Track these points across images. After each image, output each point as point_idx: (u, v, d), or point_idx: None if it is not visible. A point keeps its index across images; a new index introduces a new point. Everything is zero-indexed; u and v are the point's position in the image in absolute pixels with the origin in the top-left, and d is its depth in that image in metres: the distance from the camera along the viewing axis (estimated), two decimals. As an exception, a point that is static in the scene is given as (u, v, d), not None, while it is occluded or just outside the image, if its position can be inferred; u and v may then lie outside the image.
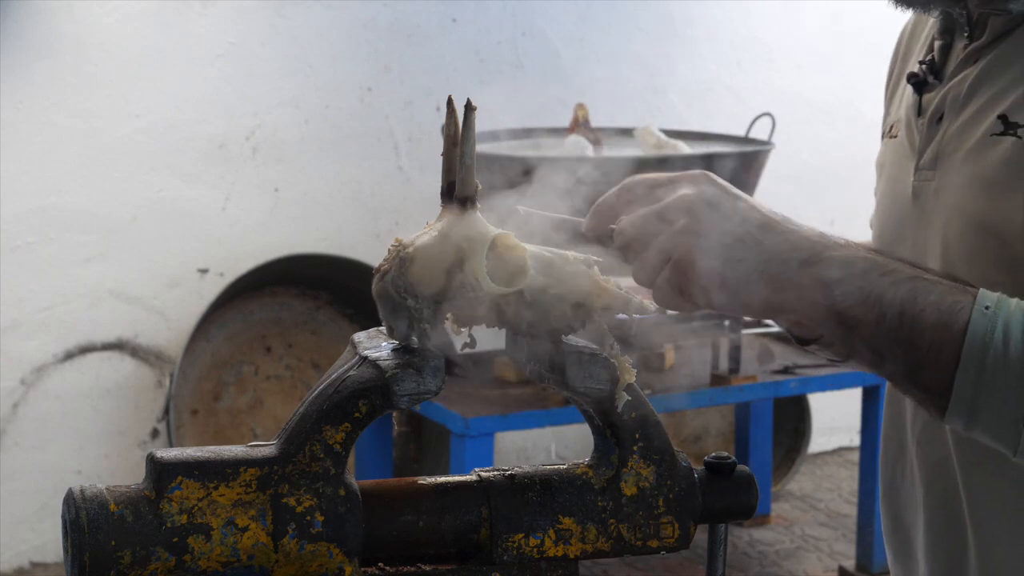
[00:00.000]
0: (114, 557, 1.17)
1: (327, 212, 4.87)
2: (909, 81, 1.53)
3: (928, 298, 1.25)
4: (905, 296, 1.25)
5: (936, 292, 1.26)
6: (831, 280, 1.26)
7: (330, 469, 1.21)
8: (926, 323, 1.25)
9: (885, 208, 1.58)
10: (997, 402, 1.23)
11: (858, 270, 1.26)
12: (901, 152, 1.54)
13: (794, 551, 4.82)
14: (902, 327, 1.25)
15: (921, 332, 1.25)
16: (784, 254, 1.26)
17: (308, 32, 4.78)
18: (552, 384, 1.29)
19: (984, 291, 1.26)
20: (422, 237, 1.27)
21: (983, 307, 1.24)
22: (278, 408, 4.82)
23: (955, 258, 1.41)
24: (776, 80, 5.50)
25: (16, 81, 4.39)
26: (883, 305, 1.25)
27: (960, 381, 1.24)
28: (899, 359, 1.27)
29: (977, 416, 1.24)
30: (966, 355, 1.23)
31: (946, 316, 1.24)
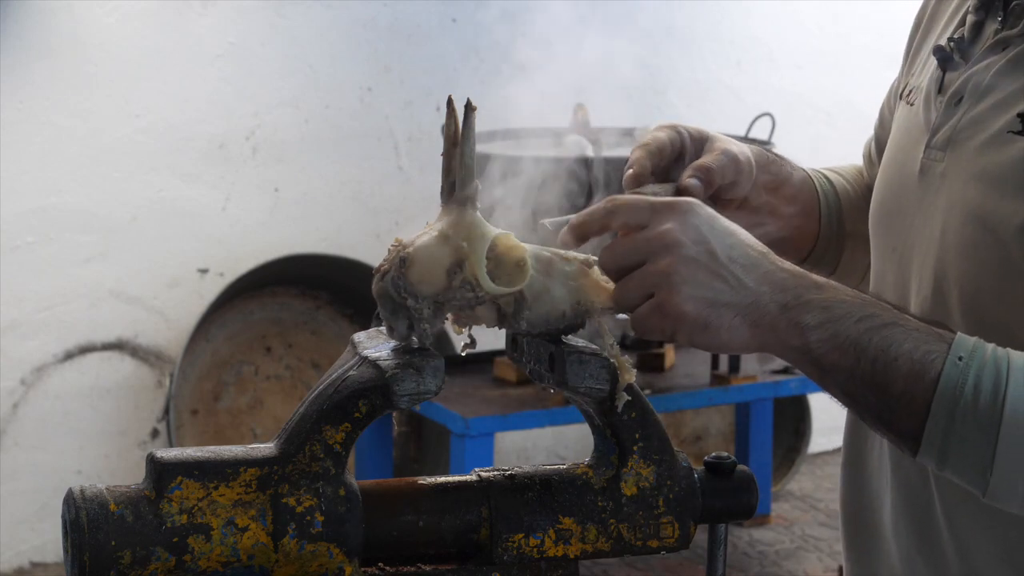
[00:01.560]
0: (114, 557, 1.17)
1: (327, 212, 4.87)
2: (935, 54, 1.52)
3: (902, 347, 1.26)
4: (879, 344, 1.26)
5: (911, 340, 1.27)
6: (808, 325, 1.27)
7: (330, 469, 1.21)
8: (899, 372, 1.26)
9: (889, 175, 1.57)
10: (966, 450, 1.25)
11: (835, 315, 1.27)
12: (915, 123, 1.53)
13: (794, 551, 4.82)
14: (875, 374, 1.26)
15: (893, 380, 1.26)
16: (765, 297, 1.27)
17: (308, 32, 4.78)
18: (552, 384, 1.29)
19: (961, 338, 1.27)
20: (422, 237, 1.27)
21: (956, 357, 1.26)
22: (278, 408, 4.82)
23: (950, 246, 1.42)
24: (776, 80, 5.50)
25: (16, 81, 4.39)
26: (857, 352, 1.26)
27: (930, 429, 1.25)
28: (871, 404, 1.28)
29: (947, 461, 1.26)
30: (936, 405, 1.25)
31: (919, 366, 1.26)
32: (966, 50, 1.49)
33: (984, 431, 1.24)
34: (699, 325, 1.26)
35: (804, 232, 1.75)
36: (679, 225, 1.26)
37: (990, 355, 1.26)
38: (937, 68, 1.52)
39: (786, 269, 1.29)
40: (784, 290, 1.27)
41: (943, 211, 1.44)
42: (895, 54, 6.08)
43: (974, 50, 1.48)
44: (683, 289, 1.25)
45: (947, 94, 1.48)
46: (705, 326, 1.26)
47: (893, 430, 1.29)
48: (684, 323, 1.26)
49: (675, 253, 1.25)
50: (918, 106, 1.54)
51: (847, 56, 5.60)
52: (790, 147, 5.14)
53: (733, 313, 1.26)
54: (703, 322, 1.26)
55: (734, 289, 1.26)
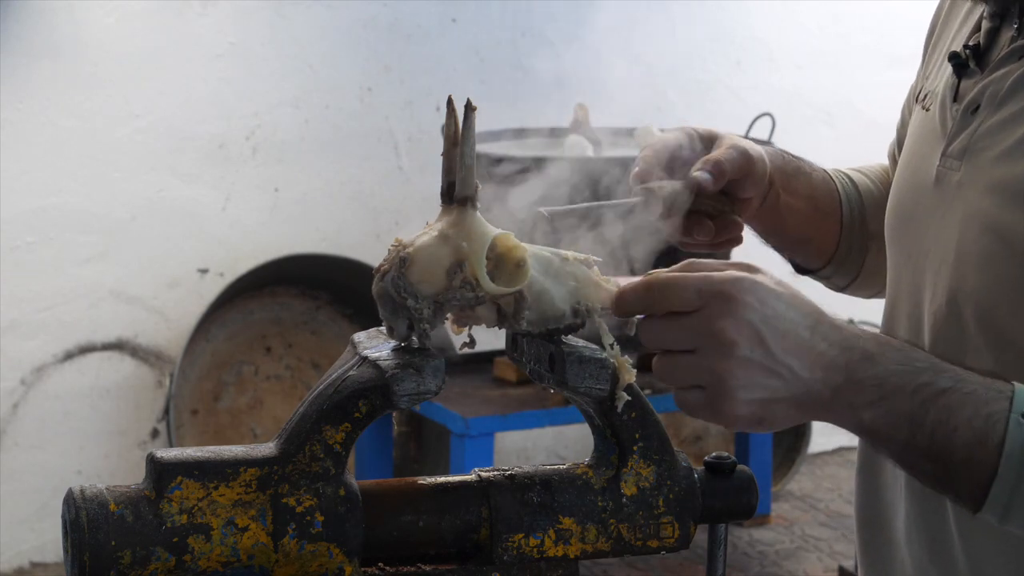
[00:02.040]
0: (114, 557, 1.17)
1: (327, 212, 4.87)
2: (950, 61, 1.50)
3: (962, 415, 1.22)
4: (936, 416, 1.22)
5: (970, 406, 1.22)
6: (861, 404, 1.23)
7: (330, 469, 1.21)
8: (959, 442, 1.22)
9: (904, 181, 1.55)
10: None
11: (888, 391, 1.22)
12: (930, 129, 1.51)
13: (794, 551, 4.82)
14: (933, 446, 1.23)
15: (953, 451, 1.22)
16: (817, 384, 1.22)
17: (308, 32, 4.78)
18: (552, 384, 1.29)
19: (1021, 391, 1.23)
20: (422, 237, 1.27)
21: (1020, 415, 1.22)
22: (278, 408, 4.82)
23: (966, 258, 1.40)
24: (776, 80, 5.50)
25: (16, 81, 4.39)
26: (912, 426, 1.23)
27: (996, 491, 1.22)
28: (929, 472, 1.25)
29: (1010, 518, 1.24)
30: (1004, 468, 1.22)
31: (980, 434, 1.22)
32: (981, 57, 1.47)
33: None
34: (754, 421, 1.23)
35: (825, 233, 1.72)
36: (733, 322, 1.20)
37: None
38: (952, 75, 1.50)
39: (836, 343, 1.23)
40: (835, 371, 1.22)
41: (959, 222, 1.41)
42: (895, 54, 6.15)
43: (990, 58, 1.46)
44: (739, 394, 1.21)
45: (963, 102, 1.46)
46: (759, 421, 1.23)
47: (953, 493, 1.26)
48: (738, 423, 1.23)
49: (731, 356, 1.20)
50: (933, 112, 1.52)
51: (847, 56, 5.60)
52: (790, 147, 5.14)
53: (787, 405, 1.22)
54: (758, 418, 1.23)
55: (788, 383, 1.21)
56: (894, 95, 6.44)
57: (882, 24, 5.61)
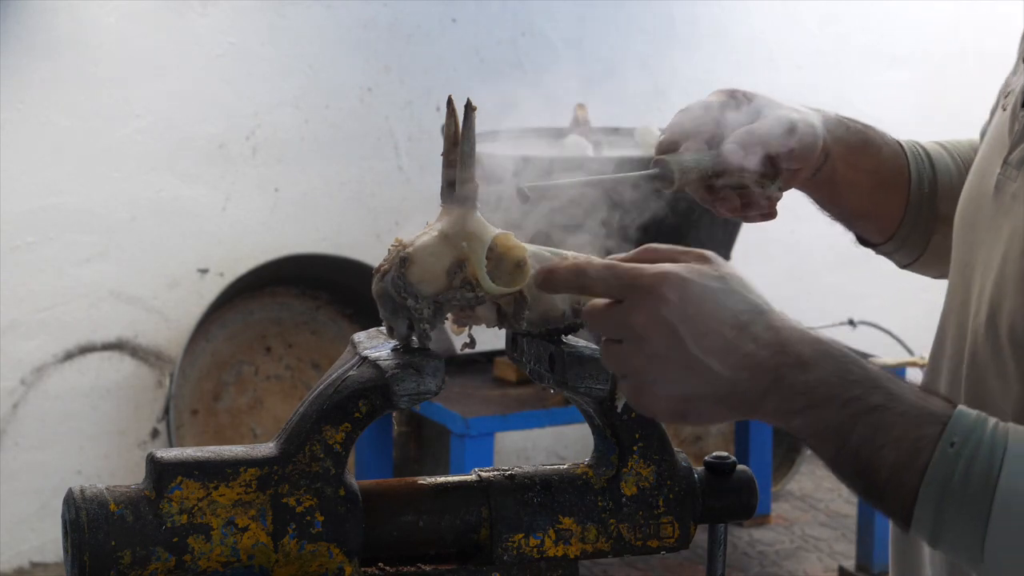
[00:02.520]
0: (114, 557, 1.17)
1: (327, 212, 4.87)
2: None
3: (890, 434, 1.18)
4: (863, 432, 1.17)
5: (899, 427, 1.18)
6: (788, 411, 1.19)
7: (330, 469, 1.21)
8: (885, 461, 1.18)
9: (970, 185, 1.47)
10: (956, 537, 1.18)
11: (816, 400, 1.18)
12: (1000, 132, 1.44)
13: (794, 551, 4.82)
14: (859, 462, 1.19)
15: (878, 469, 1.18)
16: (743, 384, 1.18)
17: (308, 32, 4.77)
18: (552, 384, 1.29)
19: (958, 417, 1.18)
20: (422, 237, 1.27)
21: (948, 443, 1.17)
22: (278, 408, 4.82)
23: (1008, 277, 1.33)
24: (776, 80, 5.50)
25: (16, 81, 4.39)
26: (839, 440, 1.18)
27: (919, 516, 1.18)
28: (858, 487, 1.21)
29: (939, 543, 1.19)
30: (923, 493, 1.17)
31: (905, 456, 1.17)
32: None
33: (973, 520, 1.16)
34: (676, 416, 1.20)
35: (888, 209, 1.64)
36: (648, 318, 1.17)
37: (987, 437, 1.17)
38: None
39: (768, 344, 1.18)
40: (763, 373, 1.18)
41: (1007, 236, 1.35)
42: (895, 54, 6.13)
43: None
44: (654, 388, 1.18)
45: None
46: (683, 416, 1.20)
47: (883, 509, 1.22)
48: (660, 416, 1.22)
49: (643, 351, 1.17)
50: (1007, 114, 1.44)
51: (847, 56, 5.60)
52: (790, 147, 5.15)
53: (710, 403, 1.19)
54: (680, 413, 1.20)
55: (709, 382, 1.17)
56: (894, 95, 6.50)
57: (882, 24, 5.61)
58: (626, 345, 1.18)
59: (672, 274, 1.18)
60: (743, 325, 1.18)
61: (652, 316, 1.17)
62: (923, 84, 5.68)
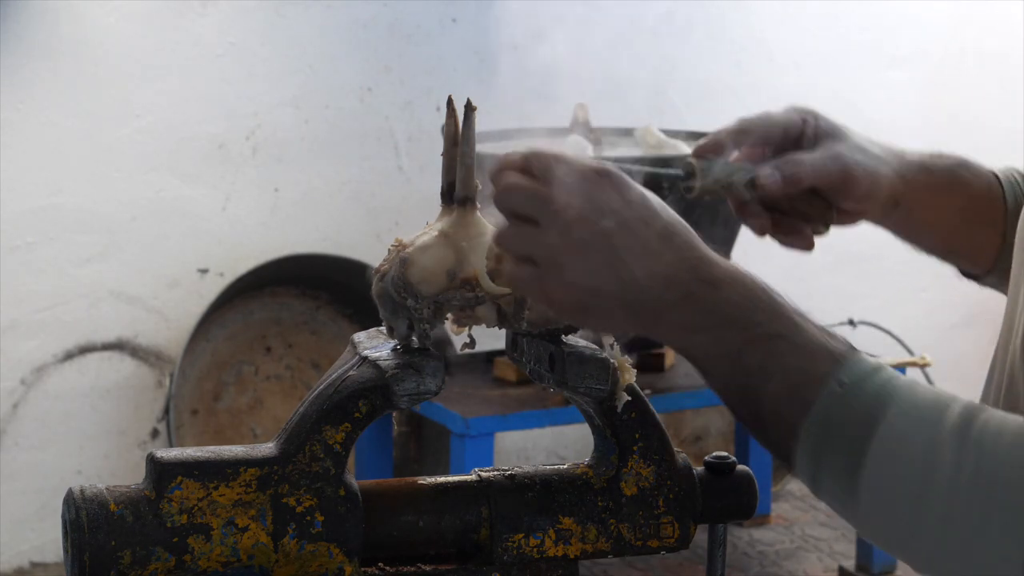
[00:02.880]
0: (114, 557, 1.17)
1: (327, 212, 4.87)
2: None
3: (782, 362, 1.16)
4: (757, 358, 1.16)
5: (794, 356, 1.16)
6: (689, 327, 1.17)
7: (330, 469, 1.21)
8: (771, 391, 1.16)
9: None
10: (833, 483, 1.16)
11: (719, 320, 1.17)
12: None
13: (794, 551, 4.82)
14: (747, 389, 1.17)
15: (763, 399, 1.17)
16: (653, 291, 1.17)
17: (308, 32, 4.77)
18: (552, 384, 1.29)
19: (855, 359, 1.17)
20: (422, 237, 1.27)
21: (839, 382, 1.15)
22: (278, 408, 4.82)
23: None
24: (776, 80, 5.50)
25: (16, 81, 4.39)
26: (732, 363, 1.17)
27: (800, 455, 1.16)
28: (744, 417, 1.20)
29: (819, 489, 1.18)
30: (805, 432, 1.15)
31: (792, 389, 1.16)
32: None
33: (850, 466, 1.14)
34: (577, 309, 1.19)
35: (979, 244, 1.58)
36: (586, 204, 1.17)
37: (878, 384, 1.15)
38: None
39: (685, 259, 1.18)
40: (674, 286, 1.17)
41: None
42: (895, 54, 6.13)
43: None
44: (567, 275, 1.17)
45: None
46: (583, 311, 1.19)
47: (767, 446, 1.21)
48: (562, 305, 1.19)
49: (571, 235, 1.16)
50: None
51: (847, 56, 5.60)
52: (790, 147, 5.14)
53: (616, 304, 1.18)
54: (582, 307, 1.18)
55: (620, 281, 1.17)
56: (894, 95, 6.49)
57: (882, 24, 5.60)
58: (549, 226, 1.17)
59: (619, 174, 1.19)
60: (669, 236, 1.18)
61: (592, 203, 1.17)
62: (923, 84, 5.68)
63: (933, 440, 1.12)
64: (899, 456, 1.13)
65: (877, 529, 1.16)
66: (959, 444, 1.12)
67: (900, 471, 1.13)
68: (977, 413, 1.14)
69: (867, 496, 1.14)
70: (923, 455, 1.12)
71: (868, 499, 1.14)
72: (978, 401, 1.42)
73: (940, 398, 1.15)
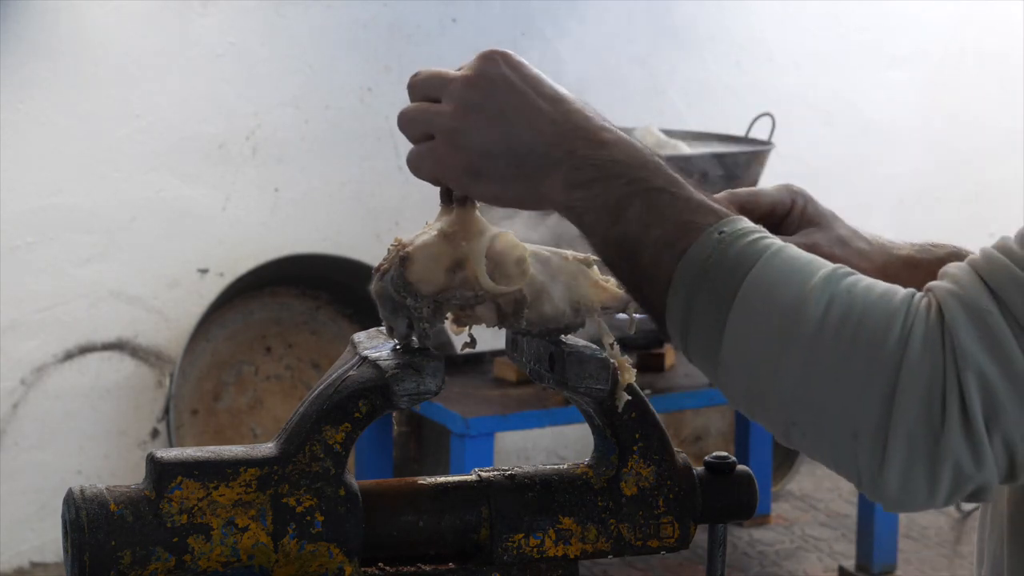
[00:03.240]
0: (114, 557, 1.17)
1: (327, 212, 4.87)
2: None
3: (663, 214, 1.18)
4: (639, 211, 1.19)
5: (674, 208, 1.19)
6: (573, 182, 1.21)
7: (330, 469, 1.21)
8: (650, 239, 1.18)
9: None
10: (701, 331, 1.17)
11: (604, 174, 1.20)
12: None
13: (794, 551, 4.82)
14: (627, 240, 1.19)
15: (643, 248, 1.18)
16: (540, 148, 1.23)
17: (308, 32, 4.78)
18: (552, 384, 1.29)
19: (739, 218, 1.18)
20: (421, 237, 1.27)
21: (718, 231, 1.17)
22: (278, 408, 4.82)
23: None
24: (776, 80, 5.50)
25: (16, 81, 4.39)
26: (614, 214, 1.19)
27: (671, 301, 1.18)
28: (623, 271, 1.22)
29: (688, 341, 1.18)
30: (678, 275, 1.17)
31: (670, 236, 1.17)
32: None
33: (718, 313, 1.15)
34: (470, 172, 1.24)
35: None
36: (472, 73, 1.25)
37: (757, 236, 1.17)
38: None
39: (573, 121, 1.23)
40: (561, 143, 1.22)
41: None
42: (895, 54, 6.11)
43: None
44: (458, 137, 1.24)
45: None
46: (476, 174, 1.24)
47: (643, 303, 1.21)
48: (455, 170, 1.25)
49: (459, 100, 1.24)
50: None
51: (847, 56, 5.60)
52: (790, 147, 5.15)
53: (506, 164, 1.23)
54: (474, 170, 1.24)
55: (510, 139, 1.23)
56: (894, 95, 6.48)
57: (882, 24, 5.60)
58: (443, 102, 1.25)
59: (504, 52, 1.26)
60: (558, 100, 1.24)
61: (477, 72, 1.25)
62: (923, 84, 5.68)
63: (804, 283, 1.14)
64: (769, 296, 1.14)
65: (738, 375, 1.16)
66: (830, 289, 1.14)
67: (768, 309, 1.14)
68: (849, 271, 1.16)
69: (732, 338, 1.15)
70: (793, 296, 1.14)
71: (733, 341, 1.15)
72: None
73: (816, 258, 1.17)
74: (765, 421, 1.18)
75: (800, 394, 1.14)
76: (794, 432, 1.16)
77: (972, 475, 1.13)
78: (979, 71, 5.74)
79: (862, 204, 5.22)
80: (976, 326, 1.12)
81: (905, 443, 1.12)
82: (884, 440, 1.12)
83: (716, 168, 4.11)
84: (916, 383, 1.11)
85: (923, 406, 1.11)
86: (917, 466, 1.12)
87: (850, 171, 5.55)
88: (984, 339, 1.12)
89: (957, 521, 5.01)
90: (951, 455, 1.12)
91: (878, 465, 1.13)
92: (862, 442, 1.13)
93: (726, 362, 1.16)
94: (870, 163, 5.65)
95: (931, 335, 1.12)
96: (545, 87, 1.25)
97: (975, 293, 1.13)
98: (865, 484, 1.15)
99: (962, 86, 5.73)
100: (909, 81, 5.65)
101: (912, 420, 1.11)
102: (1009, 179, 5.69)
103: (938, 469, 1.12)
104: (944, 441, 1.11)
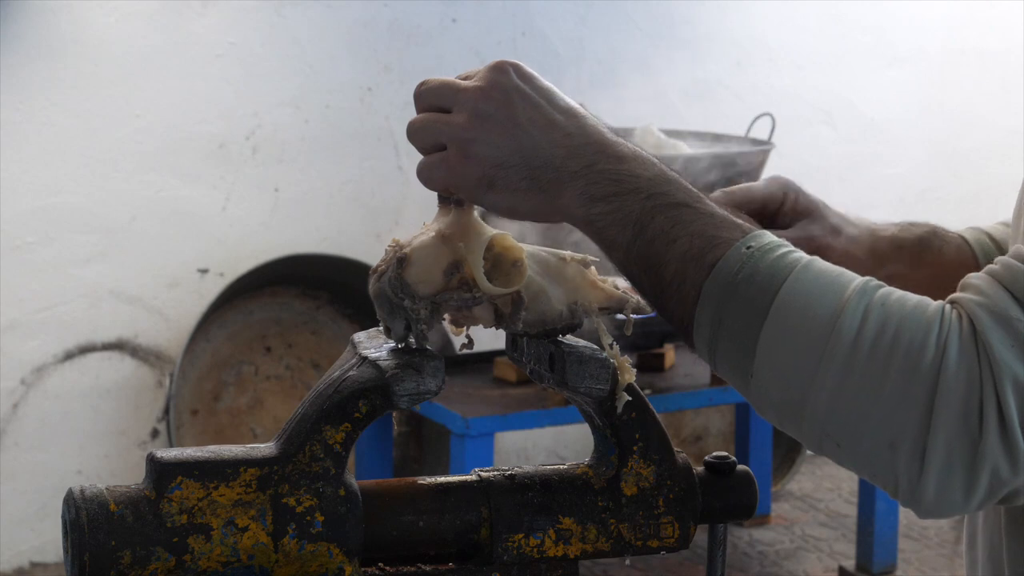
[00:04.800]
0: (114, 557, 1.17)
1: (327, 212, 4.87)
2: None
3: (688, 228, 1.19)
4: (662, 223, 1.19)
5: (699, 223, 1.19)
6: (593, 196, 1.21)
7: (330, 469, 1.21)
8: (675, 253, 1.19)
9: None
10: (731, 346, 1.18)
11: (624, 189, 1.21)
12: None
13: (794, 551, 4.82)
14: (650, 254, 1.20)
15: (667, 262, 1.19)
16: (557, 161, 1.22)
17: (308, 32, 4.78)
18: (552, 384, 1.29)
19: (764, 233, 1.19)
20: (419, 237, 1.27)
21: (745, 245, 1.18)
22: (278, 408, 4.82)
23: None
24: (776, 80, 5.50)
25: (16, 81, 4.39)
26: (636, 229, 1.20)
27: (699, 315, 1.19)
28: (645, 285, 1.22)
29: (716, 355, 1.19)
30: (707, 289, 1.18)
31: (697, 249, 1.18)
32: None
33: (750, 326, 1.16)
34: (484, 183, 1.24)
35: None
36: (485, 84, 1.24)
37: (785, 251, 1.18)
38: None
39: (590, 135, 1.23)
40: (579, 156, 1.22)
41: None
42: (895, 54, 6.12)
43: None
44: (472, 147, 1.23)
45: None
46: (490, 185, 1.24)
47: (666, 316, 1.22)
48: (468, 180, 1.24)
49: (472, 110, 1.23)
50: None
51: (847, 56, 5.60)
52: (790, 147, 5.15)
53: (521, 176, 1.23)
54: (488, 181, 1.23)
55: (525, 150, 1.22)
56: (894, 95, 6.48)
57: (882, 24, 5.60)
58: (455, 112, 1.24)
59: (514, 62, 1.26)
60: (572, 112, 1.25)
61: (491, 82, 1.23)
62: (923, 84, 5.68)
63: (838, 297, 1.15)
64: (804, 310, 1.15)
65: (771, 387, 1.18)
66: (865, 302, 1.15)
67: (804, 323, 1.15)
68: (879, 284, 1.17)
69: (765, 351, 1.16)
70: (828, 310, 1.15)
71: (767, 354, 1.16)
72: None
73: (845, 271, 1.18)
74: (796, 431, 1.20)
75: (836, 405, 1.16)
76: (827, 442, 1.18)
77: (1008, 480, 1.15)
78: (979, 70, 5.74)
79: (862, 204, 5.21)
80: (1008, 335, 1.14)
81: (944, 451, 1.14)
82: (923, 449, 1.14)
83: (716, 168, 4.11)
84: (954, 393, 1.13)
85: (961, 415, 1.13)
86: (955, 473, 1.14)
87: (850, 171, 5.55)
88: (1017, 347, 1.14)
89: (957, 521, 5.01)
90: (989, 461, 1.14)
91: (916, 474, 1.15)
92: (900, 452, 1.15)
93: (759, 374, 1.17)
94: (870, 163, 5.65)
95: (966, 345, 1.14)
96: (558, 99, 1.25)
97: (1002, 303, 1.16)
98: (902, 492, 1.17)
99: (962, 85, 5.73)
100: (909, 81, 5.65)
101: (951, 429, 1.13)
102: (1009, 179, 5.68)
103: (976, 475, 1.14)
104: (982, 448, 1.13)
